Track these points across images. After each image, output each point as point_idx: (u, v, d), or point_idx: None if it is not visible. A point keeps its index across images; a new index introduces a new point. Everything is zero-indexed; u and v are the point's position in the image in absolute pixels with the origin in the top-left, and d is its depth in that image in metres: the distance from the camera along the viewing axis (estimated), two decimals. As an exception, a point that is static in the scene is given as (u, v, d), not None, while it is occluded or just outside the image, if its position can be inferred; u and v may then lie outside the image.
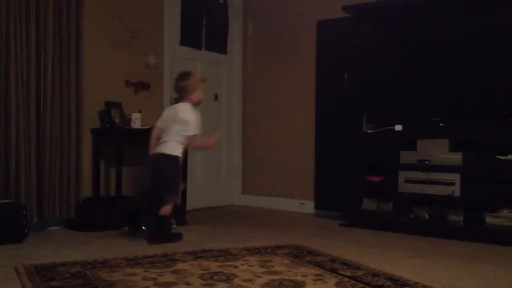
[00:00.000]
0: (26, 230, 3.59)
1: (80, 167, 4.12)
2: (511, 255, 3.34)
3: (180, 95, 3.79)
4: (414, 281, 2.65)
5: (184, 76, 3.76)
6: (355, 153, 4.47)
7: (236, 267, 2.90)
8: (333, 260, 3.09)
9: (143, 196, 4.23)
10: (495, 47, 3.97)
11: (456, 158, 3.95)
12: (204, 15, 5.37)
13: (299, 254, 3.24)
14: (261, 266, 2.92)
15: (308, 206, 5.09)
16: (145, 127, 4.39)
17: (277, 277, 2.70)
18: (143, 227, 4.02)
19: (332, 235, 4.00)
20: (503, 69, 3.94)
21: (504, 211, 3.86)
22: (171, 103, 4.99)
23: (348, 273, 2.79)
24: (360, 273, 2.79)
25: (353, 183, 4.49)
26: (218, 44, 5.53)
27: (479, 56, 4.04)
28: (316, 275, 2.75)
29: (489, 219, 3.87)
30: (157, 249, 3.33)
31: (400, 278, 2.70)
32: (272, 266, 2.92)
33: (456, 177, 3.92)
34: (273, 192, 5.48)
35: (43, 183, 3.90)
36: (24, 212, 3.62)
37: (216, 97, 5.52)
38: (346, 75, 4.63)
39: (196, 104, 3.78)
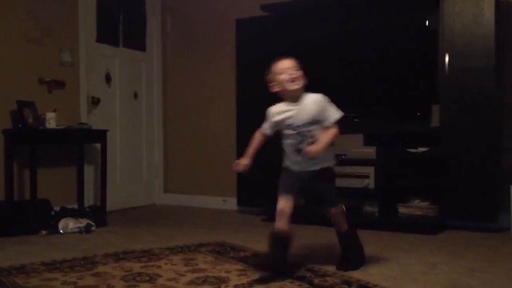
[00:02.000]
0: None
1: (-9, 170, 3.93)
2: (422, 243, 3.53)
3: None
4: (333, 271, 2.76)
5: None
6: (275, 149, 4.55)
7: (159, 267, 2.89)
8: (255, 254, 3.15)
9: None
10: (404, 44, 4.20)
11: (370, 152, 4.13)
12: (121, 11, 5.25)
13: (223, 251, 3.28)
14: (185, 265, 2.92)
15: (231, 203, 5.13)
16: (60, 127, 4.25)
17: (201, 274, 2.71)
18: (60, 231, 3.92)
19: (255, 230, 4.06)
20: (412, 66, 4.17)
21: (415, 201, 4.10)
22: (88, 102, 4.87)
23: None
24: (282, 266, 2.86)
25: (274, 179, 4.57)
26: (136, 41, 5.43)
27: (390, 53, 4.26)
28: (240, 270, 2.80)
29: (402, 209, 4.10)
30: (76, 253, 3.24)
31: (321, 268, 2.80)
32: (196, 264, 2.93)
33: (370, 170, 4.10)
34: (195, 190, 5.48)
35: (-50, 188, 3.68)
36: None
37: (135, 96, 5.42)
38: (265, 72, 4.70)
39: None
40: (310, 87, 4.45)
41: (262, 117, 4.73)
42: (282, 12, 4.61)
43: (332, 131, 2.80)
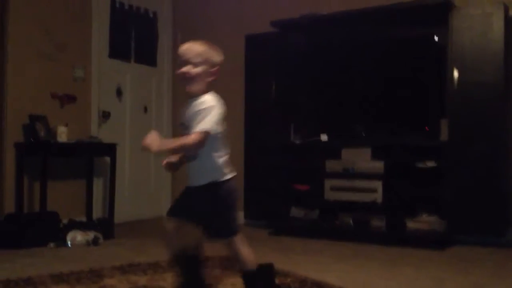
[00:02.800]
0: None
1: (3, 182, 3.98)
2: (430, 258, 3.51)
3: None
4: (340, 286, 2.74)
5: None
6: (283, 163, 4.58)
7: (165, 280, 2.89)
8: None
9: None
10: (413, 59, 4.20)
11: (378, 166, 4.13)
12: (133, 28, 5.33)
13: (229, 265, 3.27)
14: (190, 278, 2.92)
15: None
16: (71, 141, 4.31)
17: None
18: (68, 243, 3.94)
19: (261, 244, 4.05)
20: (421, 80, 4.17)
21: (424, 216, 4.07)
22: (99, 116, 4.93)
23: (276, 281, 2.84)
24: (288, 280, 2.86)
25: (281, 192, 4.59)
26: (148, 56, 5.50)
27: (398, 67, 4.27)
28: (244, 283, 2.79)
29: (410, 224, 4.07)
30: (83, 265, 3.26)
31: (326, 284, 2.78)
32: (201, 277, 2.93)
33: (378, 184, 4.10)
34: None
35: (-39, 200, 3.74)
36: None
37: (145, 110, 5.48)
38: (273, 87, 4.74)
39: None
40: (321, 101, 4.51)
41: (269, 130, 4.79)
42: (291, 27, 4.65)
43: (186, 139, 2.25)
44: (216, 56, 2.46)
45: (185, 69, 2.33)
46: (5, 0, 3.98)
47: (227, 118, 5.76)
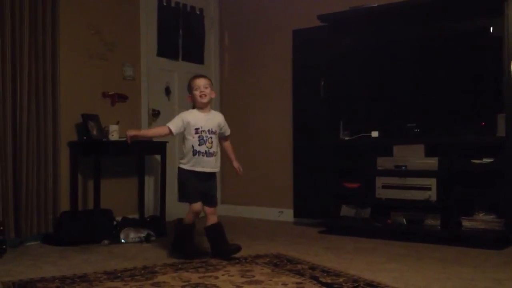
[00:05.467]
0: (3, 247, 3.55)
1: (57, 181, 4.08)
2: (487, 258, 3.39)
3: None
4: (393, 286, 2.69)
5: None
6: (332, 160, 4.52)
7: (217, 277, 2.91)
8: (313, 267, 3.12)
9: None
10: (468, 52, 4.06)
11: (432, 163, 4.02)
12: (180, 26, 5.37)
13: (279, 263, 3.26)
14: (242, 276, 2.93)
15: (287, 214, 5.11)
16: (122, 139, 4.37)
17: (258, 286, 2.71)
18: (122, 240, 4.02)
19: (312, 242, 4.02)
20: (476, 74, 4.02)
21: (480, 215, 3.93)
22: (149, 115, 5.00)
23: (329, 280, 2.81)
24: (340, 280, 2.82)
25: (331, 190, 4.53)
26: (195, 54, 5.54)
27: (452, 61, 4.12)
28: (297, 283, 2.77)
29: (465, 223, 3.94)
30: (137, 262, 3.31)
31: (380, 283, 2.73)
32: (253, 276, 2.93)
33: (432, 182, 3.98)
34: (251, 201, 5.49)
35: (20, 198, 3.85)
36: (1, 228, 3.58)
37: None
38: (322, 83, 4.68)
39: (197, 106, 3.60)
40: (372, 97, 4.41)
41: (318, 127, 4.73)
42: (340, 21, 4.55)
43: (159, 128, 3.82)
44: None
45: (208, 91, 3.54)
46: (55, 2, 4.07)
47: (274, 114, 5.72)
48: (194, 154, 3.46)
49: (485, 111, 3.97)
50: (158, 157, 4.71)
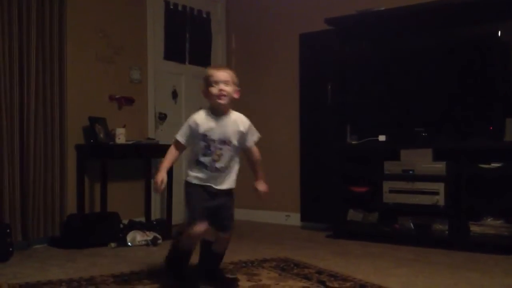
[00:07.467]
0: (10, 249, 3.55)
1: (65, 184, 4.08)
2: (496, 263, 3.37)
3: None
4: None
5: None
6: (339, 164, 4.50)
7: (223, 281, 2.90)
8: (320, 272, 3.10)
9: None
10: (476, 56, 4.04)
11: (440, 167, 3.99)
12: (187, 29, 5.38)
13: (286, 267, 3.25)
14: (248, 280, 2.92)
15: (294, 218, 5.09)
16: (129, 142, 4.38)
17: (264, 290, 2.70)
18: (128, 243, 4.02)
19: (319, 247, 4.00)
20: (484, 78, 4.00)
21: (488, 220, 3.90)
22: (156, 118, 5.01)
23: (336, 284, 2.80)
24: (348, 284, 2.81)
25: (338, 194, 4.51)
26: (202, 57, 5.54)
27: (461, 67, 4.10)
28: (304, 287, 2.76)
29: (474, 228, 3.91)
30: (143, 266, 3.31)
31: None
32: (260, 280, 2.92)
33: (440, 186, 3.96)
34: (258, 205, 5.47)
35: (27, 201, 3.85)
36: (8, 231, 3.59)
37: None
38: (329, 86, 4.67)
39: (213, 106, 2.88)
40: (379, 101, 4.40)
41: (325, 131, 4.72)
42: (347, 25, 4.54)
43: (170, 149, 2.93)
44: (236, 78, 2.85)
45: (231, 90, 2.79)
46: (63, 5, 4.09)
47: (281, 117, 5.73)
48: (197, 164, 2.78)
49: (493, 116, 3.95)
50: (164, 160, 4.71)
